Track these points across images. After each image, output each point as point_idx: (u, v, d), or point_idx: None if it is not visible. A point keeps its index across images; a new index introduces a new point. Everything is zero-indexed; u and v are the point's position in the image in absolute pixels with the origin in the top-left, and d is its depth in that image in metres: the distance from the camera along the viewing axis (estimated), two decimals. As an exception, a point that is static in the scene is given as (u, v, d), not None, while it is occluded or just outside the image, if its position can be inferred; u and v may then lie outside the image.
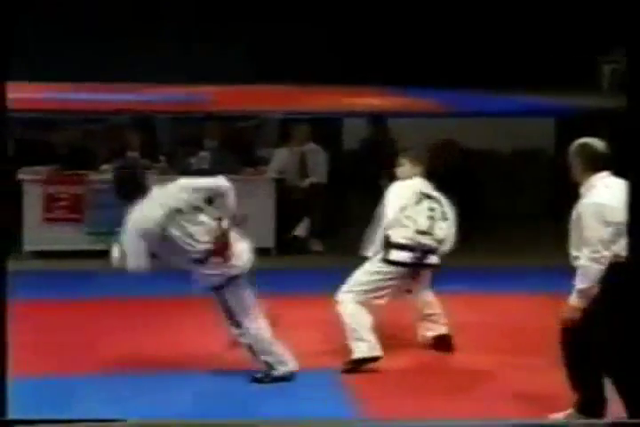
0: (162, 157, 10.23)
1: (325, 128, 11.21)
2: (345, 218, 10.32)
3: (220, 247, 5.79)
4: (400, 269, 6.27)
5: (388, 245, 6.26)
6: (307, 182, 10.28)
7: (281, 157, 10.35)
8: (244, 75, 13.41)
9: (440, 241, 6.32)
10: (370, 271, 6.31)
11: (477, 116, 11.55)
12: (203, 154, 10.16)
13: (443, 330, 6.61)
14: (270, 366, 5.96)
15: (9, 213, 10.30)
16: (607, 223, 4.98)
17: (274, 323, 6.13)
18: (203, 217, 5.89)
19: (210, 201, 5.99)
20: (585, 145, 5.21)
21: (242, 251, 5.90)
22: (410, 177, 6.49)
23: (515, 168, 11.90)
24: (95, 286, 8.34)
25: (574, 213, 5.10)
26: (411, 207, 6.30)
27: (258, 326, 5.94)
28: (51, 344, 6.71)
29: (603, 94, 12.17)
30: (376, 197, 6.64)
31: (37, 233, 9.50)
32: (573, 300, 5.04)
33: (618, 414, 5.01)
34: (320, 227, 10.13)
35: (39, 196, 9.54)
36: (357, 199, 10.20)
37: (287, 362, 6.00)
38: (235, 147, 10.54)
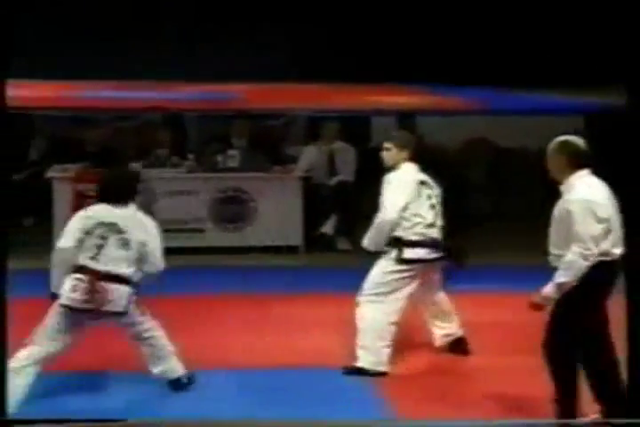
0: (190, 155, 10.26)
1: (354, 126, 11.20)
2: (373, 216, 10.30)
3: None
4: (416, 266, 6.23)
5: (400, 243, 6.21)
6: (335, 180, 10.28)
7: (309, 156, 10.36)
8: (273, 73, 13.42)
9: (441, 229, 6.31)
10: (385, 272, 6.24)
11: (506, 113, 11.50)
12: (231, 152, 10.19)
13: (458, 333, 6.55)
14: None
15: (39, 210, 10.39)
16: (598, 219, 4.98)
17: None
18: None
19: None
20: (566, 143, 5.18)
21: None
22: (398, 162, 6.40)
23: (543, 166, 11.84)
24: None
25: (556, 212, 5.09)
26: (414, 202, 6.23)
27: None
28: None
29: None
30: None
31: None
32: (548, 290, 5.04)
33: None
34: (348, 225, 10.12)
35: (69, 193, 9.60)
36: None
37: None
38: (263, 145, 10.57)
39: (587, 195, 5.02)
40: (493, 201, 11.49)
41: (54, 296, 5.69)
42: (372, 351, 6.09)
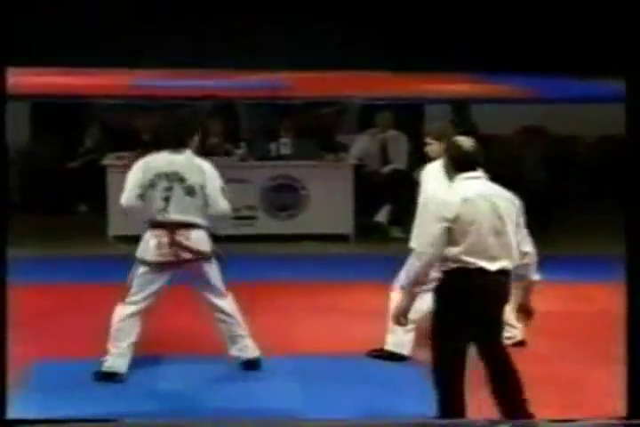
0: (242, 144, 10.28)
1: (407, 114, 11.15)
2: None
3: None
4: None
5: None
6: (388, 169, 10.24)
7: (362, 144, 10.33)
8: (327, 61, 13.39)
9: None
10: None
11: (563, 101, 11.36)
12: (283, 140, 10.19)
13: (519, 337, 6.42)
14: None
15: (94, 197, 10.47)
16: (440, 219, 4.76)
17: None
18: None
19: None
20: (451, 143, 5.03)
21: None
22: (440, 155, 6.29)
23: (601, 154, 11.70)
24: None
25: None
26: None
27: None
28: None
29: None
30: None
31: (122, 218, 9.63)
32: (401, 295, 4.97)
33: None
34: (400, 213, 10.08)
35: (123, 181, 9.65)
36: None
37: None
38: (315, 133, 10.56)
39: (437, 193, 4.92)
40: (547, 190, 11.37)
41: None
42: (395, 334, 6.09)
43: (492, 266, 4.78)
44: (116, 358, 5.76)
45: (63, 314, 7.06)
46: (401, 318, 4.89)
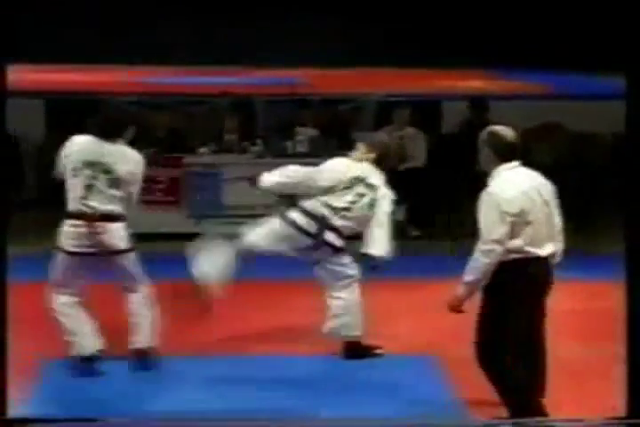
0: (258, 141, 10.22)
1: (424, 111, 11.06)
2: (442, 203, 10.18)
3: None
4: None
5: None
6: (405, 167, 10.16)
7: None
8: (343, 57, 13.32)
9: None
10: None
11: (581, 98, 11.27)
12: (300, 137, 10.13)
13: None
14: None
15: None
16: (503, 215, 4.73)
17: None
18: None
19: None
20: (494, 133, 4.97)
21: None
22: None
23: (619, 152, 11.59)
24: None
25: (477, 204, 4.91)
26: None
27: None
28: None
29: None
30: (474, 182, 6.45)
31: (136, 216, 9.58)
32: (460, 290, 4.86)
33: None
34: (419, 212, 10.00)
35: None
36: (456, 184, 10.04)
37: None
38: (332, 130, 10.48)
39: (496, 189, 4.81)
40: (563, 187, 11.28)
41: None
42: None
43: (543, 252, 4.86)
44: (85, 343, 5.73)
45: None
46: (457, 308, 4.88)
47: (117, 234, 5.68)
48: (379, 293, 6.77)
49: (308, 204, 6.14)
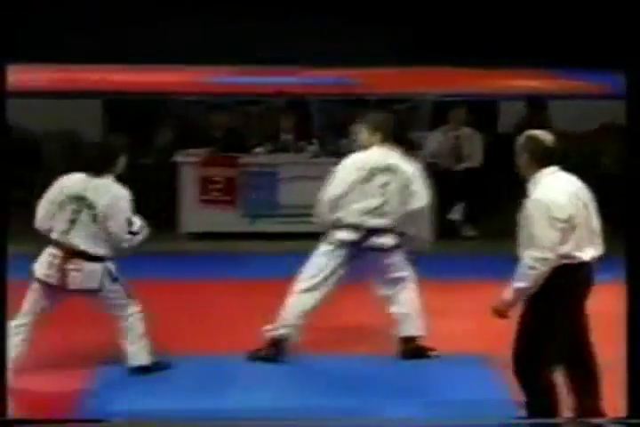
0: (314, 140, 10.23)
1: (480, 111, 10.99)
2: (499, 203, 10.10)
3: None
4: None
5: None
6: (462, 167, 10.10)
7: (435, 141, 10.21)
8: (398, 57, 13.28)
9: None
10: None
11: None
12: (355, 137, 10.09)
13: None
14: None
15: (165, 194, 10.51)
16: (554, 222, 4.70)
17: None
18: None
19: None
20: (532, 138, 4.91)
21: None
22: (370, 145, 6.19)
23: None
24: (248, 268, 8.42)
25: (523, 211, 4.84)
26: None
27: None
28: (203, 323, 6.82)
29: None
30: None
31: (193, 215, 9.66)
32: (508, 295, 4.81)
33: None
34: (475, 212, 9.94)
35: (194, 178, 9.69)
36: (512, 184, 9.95)
37: None
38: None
39: (544, 196, 4.76)
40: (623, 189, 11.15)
41: None
42: None
43: (587, 256, 4.83)
44: None
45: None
46: (504, 313, 4.85)
47: (89, 275, 5.60)
48: (432, 293, 6.74)
49: (341, 215, 6.04)
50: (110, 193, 5.63)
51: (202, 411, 5.29)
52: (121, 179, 5.74)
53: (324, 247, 6.10)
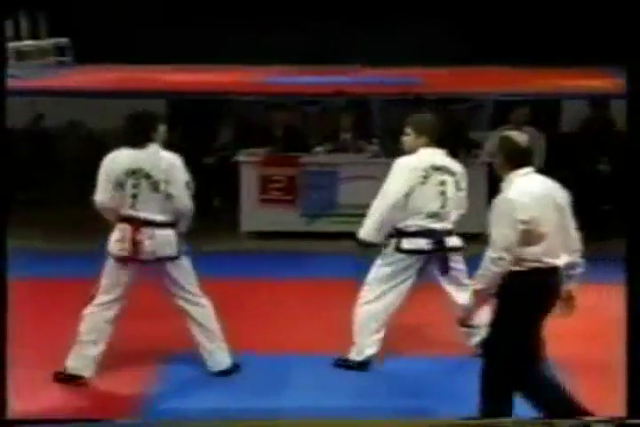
0: (375, 140, 10.23)
1: (542, 111, 10.89)
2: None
3: None
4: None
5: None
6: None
7: (496, 141, 10.13)
8: (460, 56, 13.22)
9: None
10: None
11: None
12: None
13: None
14: None
15: (226, 193, 10.58)
16: (514, 222, 4.59)
17: None
18: None
19: None
20: (506, 138, 4.85)
21: None
22: (415, 148, 6.14)
23: None
24: (307, 267, 8.45)
25: (491, 210, 4.76)
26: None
27: None
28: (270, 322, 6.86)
29: None
30: (594, 181, 6.34)
31: (253, 214, 9.72)
32: (469, 299, 4.78)
33: None
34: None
35: (255, 177, 9.75)
36: (574, 183, 9.85)
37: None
38: (448, 130, 10.40)
39: (510, 196, 4.68)
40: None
41: None
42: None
43: (560, 262, 4.73)
44: (82, 362, 5.69)
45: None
46: (469, 320, 4.87)
47: (162, 240, 5.60)
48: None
49: (404, 225, 5.96)
50: (163, 159, 5.64)
51: (266, 411, 5.31)
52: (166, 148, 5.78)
53: (390, 257, 5.99)
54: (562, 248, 4.74)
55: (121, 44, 13.66)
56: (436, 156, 6.10)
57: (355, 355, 5.98)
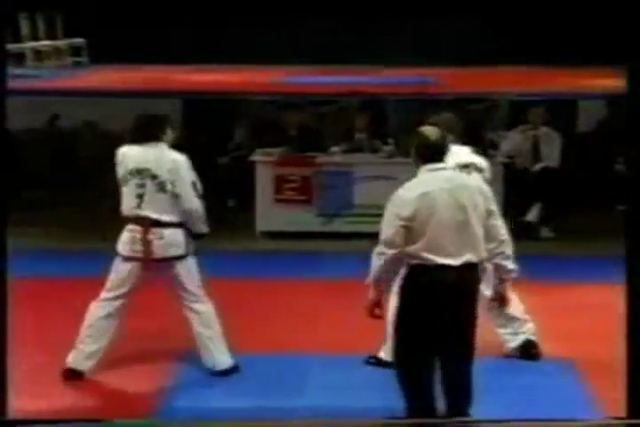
0: (390, 140, 10.21)
1: (559, 110, 10.85)
2: (577, 204, 9.97)
3: None
4: None
5: None
6: (539, 167, 9.99)
7: (512, 141, 10.11)
8: (475, 56, 13.19)
9: None
10: None
11: None
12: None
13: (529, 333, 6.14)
14: None
15: (242, 193, 10.55)
16: (394, 218, 4.65)
17: None
18: None
19: None
20: (418, 134, 4.83)
21: None
22: None
23: None
24: (323, 267, 8.44)
25: None
26: None
27: None
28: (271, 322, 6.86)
29: None
30: (610, 182, 6.30)
31: (268, 214, 9.71)
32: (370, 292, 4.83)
33: None
34: (551, 213, 9.82)
35: (270, 177, 9.74)
36: (591, 184, 9.82)
37: None
38: (464, 129, 10.36)
39: (398, 191, 4.72)
40: None
41: None
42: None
43: (456, 261, 4.68)
44: (81, 356, 5.70)
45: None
46: (375, 310, 4.83)
47: (171, 240, 5.61)
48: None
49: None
50: (169, 159, 5.64)
51: (278, 410, 5.30)
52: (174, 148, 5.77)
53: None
54: (464, 246, 4.69)
55: (136, 44, 13.68)
56: (462, 153, 6.09)
57: (386, 355, 5.95)
